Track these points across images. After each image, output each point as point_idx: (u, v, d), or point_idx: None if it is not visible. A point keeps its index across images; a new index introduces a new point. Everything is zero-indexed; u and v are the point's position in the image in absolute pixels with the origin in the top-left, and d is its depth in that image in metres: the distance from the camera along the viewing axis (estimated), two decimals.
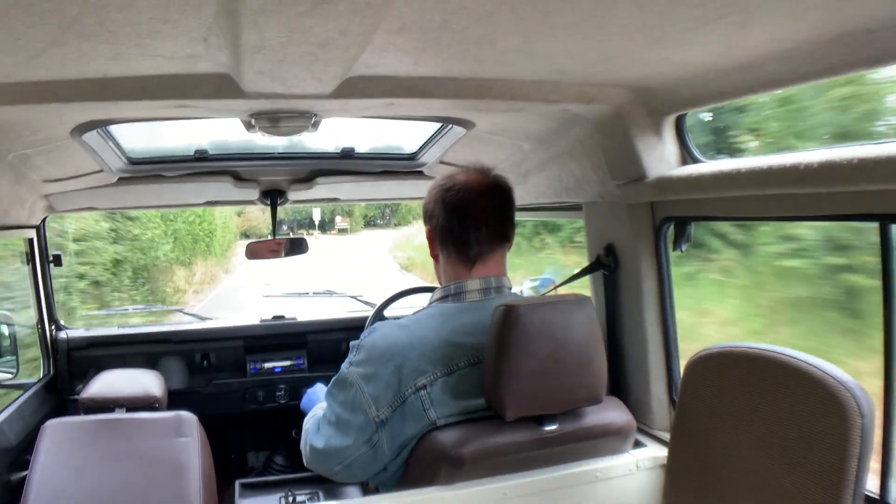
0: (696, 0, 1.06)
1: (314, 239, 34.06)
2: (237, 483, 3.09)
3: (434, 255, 1.82)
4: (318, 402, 2.23)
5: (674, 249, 2.00)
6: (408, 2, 1.04)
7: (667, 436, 1.95)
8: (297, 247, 3.49)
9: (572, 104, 1.75)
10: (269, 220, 3.28)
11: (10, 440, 2.59)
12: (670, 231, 2.01)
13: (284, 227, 41.58)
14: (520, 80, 1.63)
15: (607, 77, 1.60)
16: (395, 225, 47.84)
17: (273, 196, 3.15)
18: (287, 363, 3.69)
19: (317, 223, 44.40)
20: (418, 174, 3.03)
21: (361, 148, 2.92)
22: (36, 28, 1.10)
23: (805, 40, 1.25)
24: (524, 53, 1.37)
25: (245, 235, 36.01)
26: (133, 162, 2.71)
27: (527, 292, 3.41)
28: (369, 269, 20.41)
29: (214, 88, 1.55)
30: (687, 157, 1.87)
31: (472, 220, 1.71)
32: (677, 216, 1.95)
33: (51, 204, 2.94)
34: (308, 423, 1.85)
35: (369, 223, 49.46)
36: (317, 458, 1.72)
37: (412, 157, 2.92)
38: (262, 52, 1.25)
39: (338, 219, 45.09)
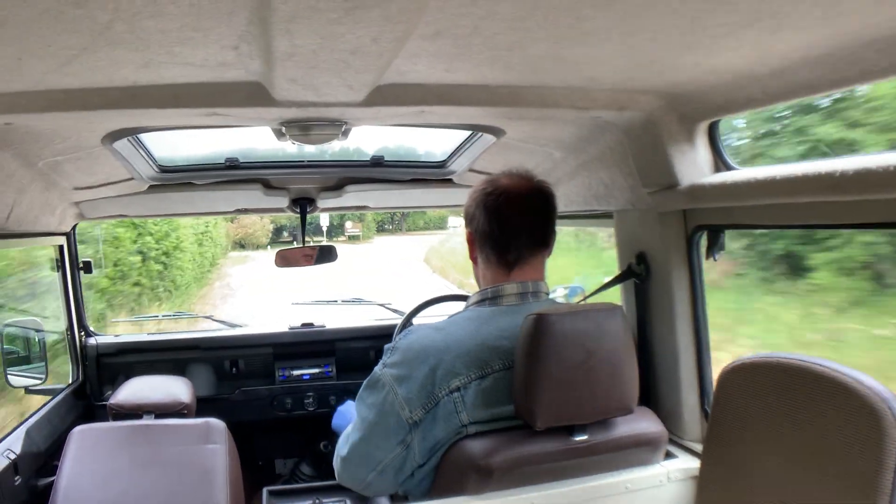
0: (728, 5, 1.05)
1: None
2: (265, 490, 3.09)
3: (473, 258, 1.83)
4: (349, 417, 2.24)
5: (706, 258, 1.97)
6: (440, 8, 1.04)
7: (698, 447, 1.92)
8: (326, 255, 3.51)
9: (603, 111, 1.74)
10: (266, 228, 3.30)
11: (37, 446, 2.61)
12: (703, 239, 1.98)
13: (285, 234, 39.48)
14: (550, 86, 1.62)
15: (639, 83, 1.59)
16: (407, 230, 46.32)
17: (302, 204, 3.16)
18: (315, 371, 3.70)
19: (325, 229, 39.60)
20: (447, 182, 3.03)
21: (390, 155, 2.94)
22: (66, 35, 1.11)
23: (838, 46, 1.23)
24: (555, 60, 1.36)
25: (240, 245, 34.25)
26: (163, 170, 2.74)
27: (558, 300, 3.40)
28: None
29: (245, 96, 1.56)
30: (720, 164, 1.85)
31: (512, 224, 1.71)
32: (710, 224, 1.93)
33: (81, 211, 2.97)
34: (339, 441, 1.84)
35: (381, 228, 46.65)
36: (348, 468, 1.72)
37: (441, 164, 2.92)
38: (293, 59, 1.25)
39: (348, 224, 41.27)
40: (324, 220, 38.06)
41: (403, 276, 20.86)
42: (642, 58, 1.35)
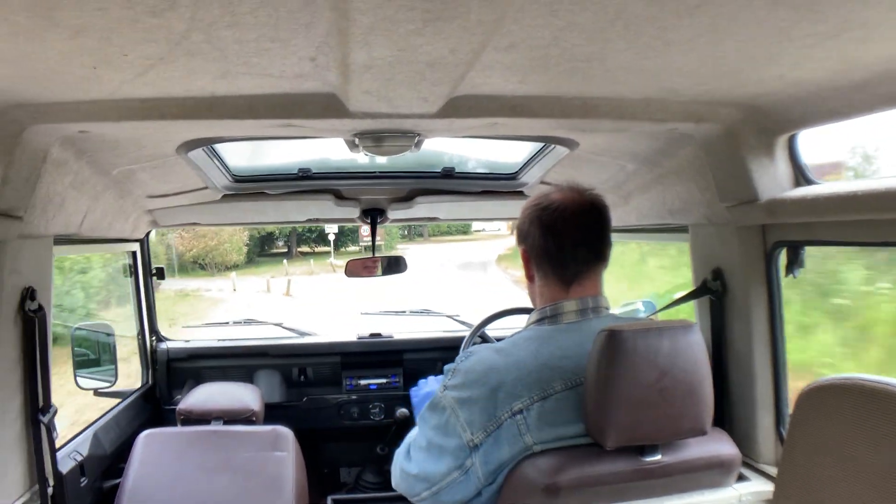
0: (817, 15, 1.02)
1: (310, 275, 28.87)
2: (330, 499, 3.12)
3: (529, 276, 1.79)
4: (423, 396, 2.24)
5: (786, 275, 1.92)
6: (518, 19, 1.03)
7: (773, 470, 1.87)
8: (394, 265, 3.53)
9: (680, 123, 1.71)
10: (239, 238, 3.29)
11: (105, 448, 2.67)
12: (782, 256, 1.93)
13: (280, 243, 37.53)
14: (627, 98, 1.60)
15: (718, 95, 1.56)
16: (430, 236, 44.24)
17: (373, 215, 3.19)
18: (383, 381, 3.73)
19: (332, 239, 35.27)
20: (518, 194, 3.01)
21: (460, 166, 2.94)
22: (143, 44, 1.12)
23: None
24: (634, 71, 1.34)
25: (200, 266, 26.90)
26: (237, 179, 2.79)
27: (623, 315, 3.34)
28: None
29: (320, 108, 1.57)
30: (800, 178, 1.80)
31: (568, 239, 1.68)
32: (790, 240, 1.88)
33: (155, 219, 3.04)
34: (399, 448, 1.84)
35: (402, 235, 43.07)
36: (406, 481, 1.72)
37: (513, 176, 2.91)
38: (370, 71, 1.26)
39: (362, 230, 27.51)
40: (331, 226, 30.14)
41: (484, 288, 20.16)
42: (725, 68, 1.32)
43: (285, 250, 37.44)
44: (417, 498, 1.70)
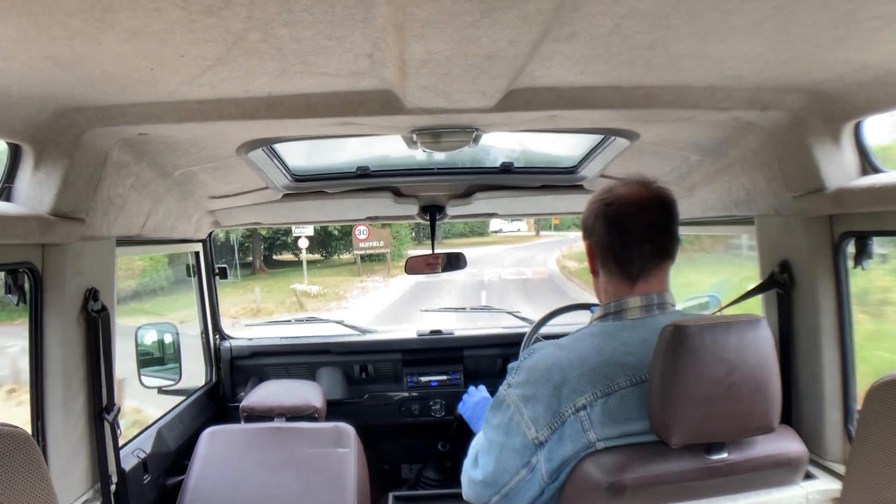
0: None
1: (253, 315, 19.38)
2: (391, 495, 3.14)
3: (594, 272, 1.77)
4: (473, 406, 2.25)
5: (854, 266, 1.87)
6: (578, 7, 1.02)
7: (840, 468, 1.83)
8: (454, 262, 3.54)
9: (745, 111, 1.67)
10: None
11: (168, 445, 2.72)
12: (850, 246, 1.88)
13: (257, 264, 29.82)
14: (690, 86, 1.57)
15: (783, 81, 1.52)
16: (443, 238, 41.47)
17: (432, 212, 3.21)
18: (443, 377, 3.74)
19: (303, 247, 27.47)
20: (578, 188, 2.99)
21: (519, 161, 2.93)
22: (200, 45, 1.13)
23: None
24: (697, 58, 1.32)
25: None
26: (297, 178, 2.82)
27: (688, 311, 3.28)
28: None
29: (377, 105, 1.57)
30: (867, 166, 1.75)
31: (634, 235, 1.65)
32: (858, 231, 1.83)
33: (217, 219, 3.10)
34: (467, 458, 1.83)
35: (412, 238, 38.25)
36: (473, 490, 1.72)
37: (572, 170, 2.88)
38: (427, 65, 1.26)
39: (360, 230, 26.83)
40: (303, 228, 24.78)
41: None
42: (790, 53, 1.29)
43: (250, 263, 30.55)
44: None
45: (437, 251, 3.48)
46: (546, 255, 36.71)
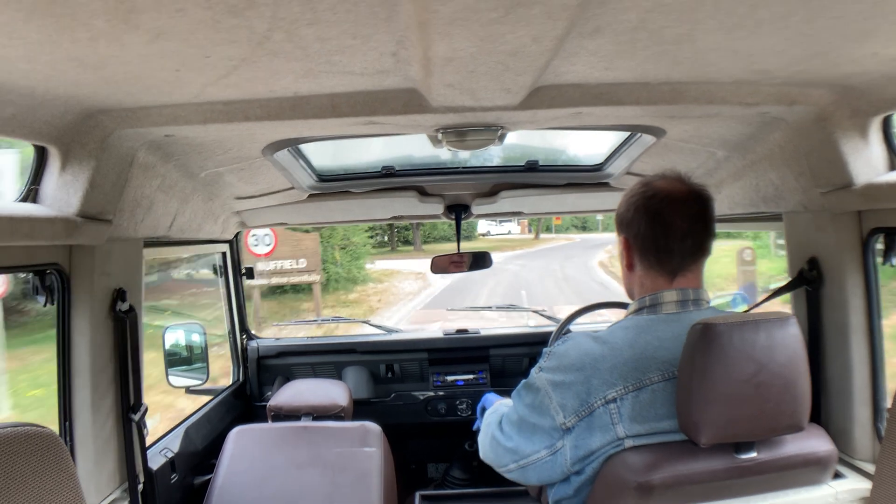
0: None
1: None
2: (417, 494, 3.15)
3: (629, 265, 1.75)
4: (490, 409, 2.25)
5: (883, 263, 1.85)
6: (603, 2, 1.01)
7: (870, 467, 1.81)
8: (480, 261, 3.55)
9: (772, 106, 1.66)
10: None
11: (195, 444, 2.74)
12: (879, 243, 1.87)
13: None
14: (716, 82, 1.56)
15: (810, 76, 1.51)
16: (423, 244, 38.26)
17: (457, 211, 3.22)
18: (469, 377, 3.75)
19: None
20: (604, 185, 2.98)
21: (544, 159, 2.92)
22: (225, 45, 1.14)
23: None
24: (724, 52, 1.31)
25: None
26: (322, 179, 2.83)
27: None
28: None
29: (402, 104, 1.57)
30: (895, 161, 1.73)
31: (676, 229, 1.64)
32: (887, 226, 1.81)
33: (243, 220, 3.12)
34: (490, 416, 1.86)
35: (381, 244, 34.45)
36: (495, 450, 1.74)
37: (598, 168, 2.87)
38: (451, 63, 1.25)
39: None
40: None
41: None
42: (817, 47, 1.28)
43: None
44: (504, 469, 1.71)
45: (435, 253, 3.48)
46: (571, 267, 27.66)
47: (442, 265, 3.54)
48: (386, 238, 37.50)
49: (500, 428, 1.74)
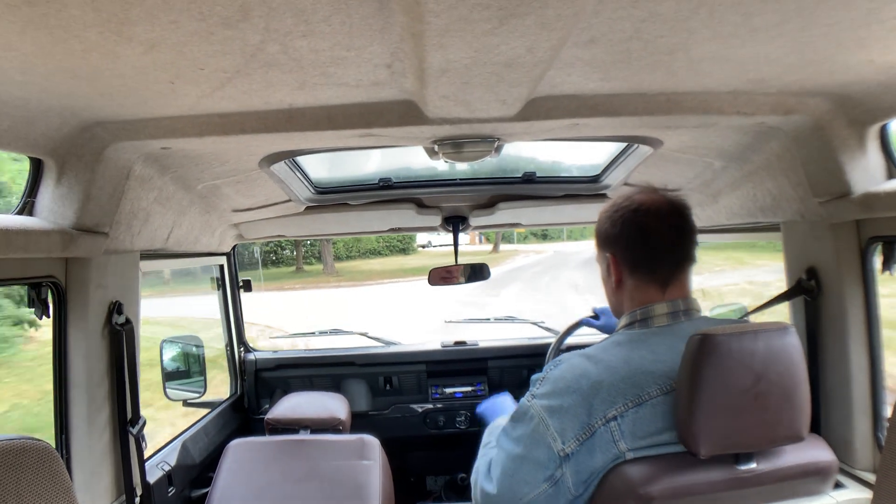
0: None
1: None
2: None
3: (617, 281, 1.73)
4: (492, 402, 2.22)
5: (882, 272, 1.84)
6: (598, 12, 1.01)
7: (871, 477, 1.81)
8: (478, 272, 3.53)
9: (768, 116, 1.66)
10: None
11: (193, 458, 2.73)
12: (877, 252, 1.86)
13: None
14: (713, 91, 1.56)
15: (806, 85, 1.51)
16: (402, 251, 35.69)
17: (455, 222, 3.20)
18: (468, 389, 3.73)
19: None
20: (601, 197, 2.98)
21: (542, 171, 2.92)
22: (219, 57, 1.14)
23: None
24: (719, 61, 1.31)
25: None
26: (319, 191, 2.83)
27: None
28: None
29: (398, 116, 1.57)
30: (893, 169, 1.74)
31: (664, 240, 1.64)
32: (885, 235, 1.81)
33: (241, 232, 3.11)
34: (478, 463, 1.78)
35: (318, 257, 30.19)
36: (488, 502, 1.65)
37: (595, 179, 2.87)
38: (446, 74, 1.25)
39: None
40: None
41: None
42: (812, 56, 1.28)
43: None
44: None
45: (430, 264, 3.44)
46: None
47: (437, 277, 3.53)
48: (289, 252, 28.87)
49: (489, 475, 1.67)
